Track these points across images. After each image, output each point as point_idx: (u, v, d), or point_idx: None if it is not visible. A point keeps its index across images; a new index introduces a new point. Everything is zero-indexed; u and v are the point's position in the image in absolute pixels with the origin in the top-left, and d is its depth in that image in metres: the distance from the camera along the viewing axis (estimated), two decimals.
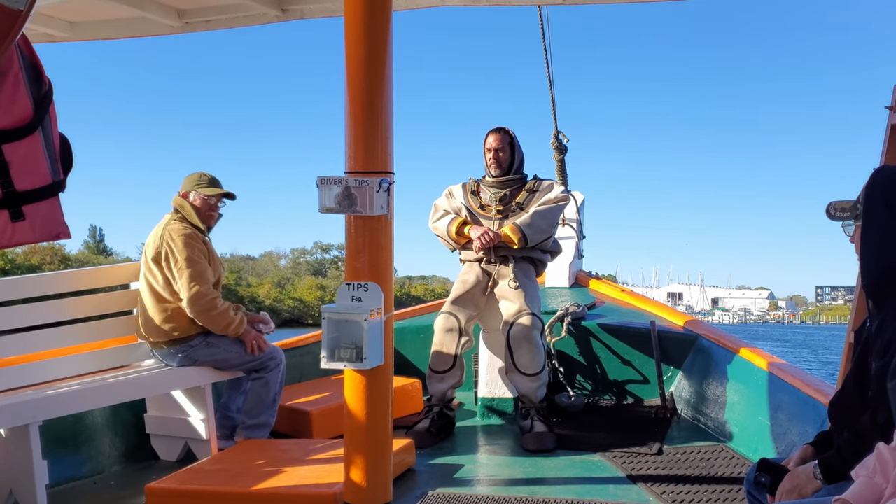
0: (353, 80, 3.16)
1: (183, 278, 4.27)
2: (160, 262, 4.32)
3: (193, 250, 4.32)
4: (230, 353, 4.45)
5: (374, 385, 3.19)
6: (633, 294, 7.00)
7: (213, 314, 4.33)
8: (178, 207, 4.46)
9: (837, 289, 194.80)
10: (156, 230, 4.43)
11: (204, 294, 4.30)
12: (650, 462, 4.24)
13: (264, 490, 3.48)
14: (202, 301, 4.29)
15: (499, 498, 3.64)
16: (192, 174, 4.52)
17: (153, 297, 4.37)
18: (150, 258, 4.34)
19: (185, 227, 4.37)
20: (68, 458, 4.16)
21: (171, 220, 4.42)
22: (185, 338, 4.37)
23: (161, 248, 4.32)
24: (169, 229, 4.36)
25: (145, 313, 4.40)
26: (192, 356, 4.39)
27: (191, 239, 4.34)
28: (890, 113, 3.88)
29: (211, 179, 4.51)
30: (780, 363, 4.57)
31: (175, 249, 4.29)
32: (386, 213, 3.19)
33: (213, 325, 4.35)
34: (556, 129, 7.37)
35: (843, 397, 2.48)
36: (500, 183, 5.12)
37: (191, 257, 4.29)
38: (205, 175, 4.51)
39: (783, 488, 2.34)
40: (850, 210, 2.50)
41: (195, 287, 4.27)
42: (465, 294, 4.99)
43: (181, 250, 4.29)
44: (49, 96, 2.50)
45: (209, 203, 4.48)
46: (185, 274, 4.27)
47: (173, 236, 4.32)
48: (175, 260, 4.28)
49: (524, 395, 4.83)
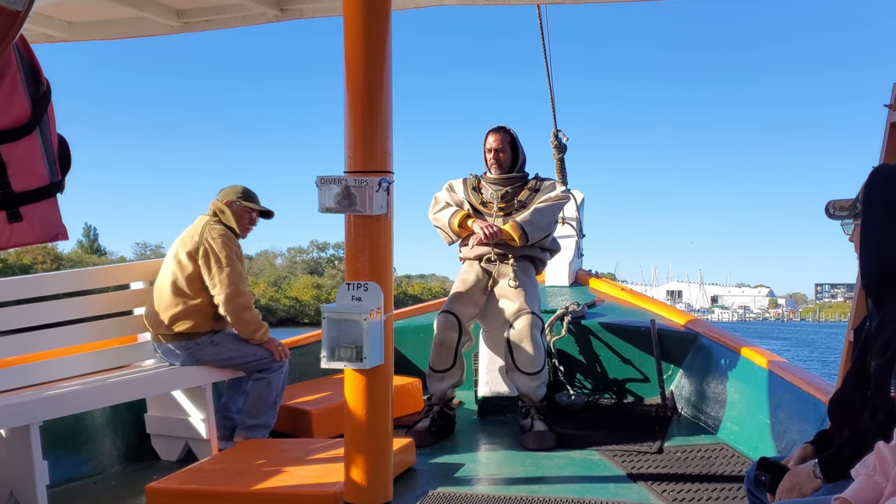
0: (352, 79, 3.16)
1: (222, 275, 4.37)
2: (195, 258, 4.41)
3: (232, 251, 4.44)
4: (234, 353, 4.47)
5: (374, 384, 3.19)
6: (632, 293, 7.00)
7: (246, 315, 4.42)
8: (218, 212, 4.58)
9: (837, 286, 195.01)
10: (192, 229, 4.53)
11: (241, 293, 4.41)
12: (650, 460, 4.24)
13: (265, 490, 3.48)
14: (239, 300, 4.39)
15: (499, 497, 3.64)
16: (234, 185, 4.68)
17: (173, 291, 4.43)
18: (185, 253, 4.43)
19: (224, 230, 4.49)
20: (69, 458, 4.17)
21: (211, 221, 4.52)
22: (193, 334, 4.41)
23: (200, 245, 4.42)
24: (209, 229, 4.47)
25: (159, 306, 4.45)
26: (196, 354, 4.41)
27: (230, 240, 4.47)
28: (889, 111, 3.88)
29: (252, 195, 4.67)
30: (780, 361, 4.57)
31: (215, 248, 4.40)
32: (385, 213, 3.19)
33: (242, 326, 4.42)
34: (555, 127, 7.37)
35: (842, 396, 2.48)
36: (503, 180, 5.11)
37: (230, 257, 4.41)
38: (247, 189, 4.67)
39: (783, 487, 2.35)
40: (850, 209, 2.50)
41: (234, 286, 4.37)
42: (465, 293, 4.99)
43: (221, 249, 4.40)
44: (47, 97, 2.50)
45: (250, 216, 4.64)
46: (224, 272, 4.37)
47: (214, 236, 4.43)
48: (215, 258, 4.38)
49: (524, 394, 4.83)
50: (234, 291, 4.37)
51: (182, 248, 4.46)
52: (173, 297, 4.42)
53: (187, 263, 4.41)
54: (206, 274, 4.39)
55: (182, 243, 4.49)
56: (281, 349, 4.58)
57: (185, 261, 4.42)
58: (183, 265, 4.43)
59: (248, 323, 4.43)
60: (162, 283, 4.50)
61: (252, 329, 4.45)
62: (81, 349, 4.30)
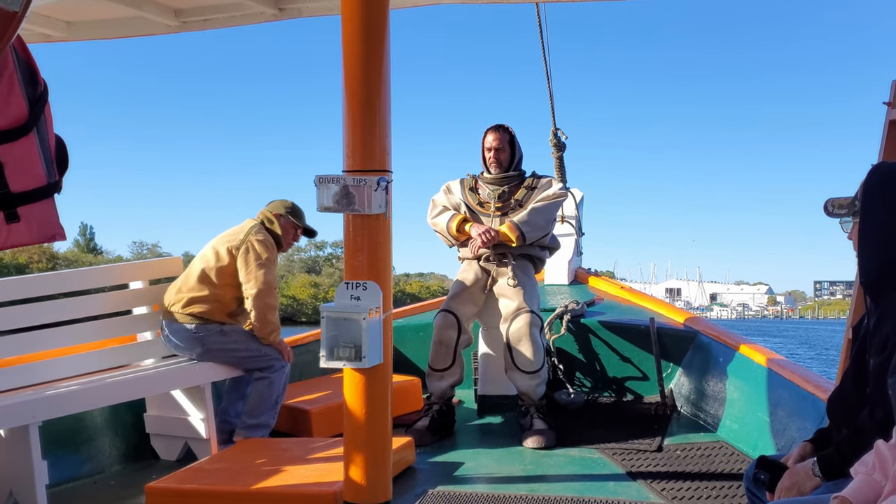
0: (350, 78, 3.15)
1: (259, 272, 4.49)
2: (234, 254, 4.54)
3: (272, 257, 4.61)
4: (239, 346, 4.53)
5: (374, 383, 3.18)
6: (632, 291, 7.00)
7: (270, 315, 4.54)
8: (267, 221, 4.74)
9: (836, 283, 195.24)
10: (237, 229, 4.69)
11: (272, 294, 4.54)
12: (650, 459, 4.24)
13: (264, 489, 3.48)
14: (268, 299, 4.52)
15: (499, 495, 3.64)
16: (284, 200, 4.85)
17: (199, 278, 4.55)
18: (225, 248, 4.57)
19: (269, 237, 4.65)
20: (68, 458, 4.16)
21: (258, 226, 4.68)
22: (205, 319, 4.49)
23: (243, 243, 4.55)
24: (255, 230, 4.62)
25: (182, 288, 4.56)
26: (204, 339, 4.48)
27: (272, 248, 4.63)
28: (888, 108, 3.88)
29: (301, 212, 4.85)
30: (780, 359, 4.57)
31: (258, 248, 4.54)
32: (384, 212, 3.19)
33: (263, 324, 4.52)
34: (554, 126, 7.37)
35: (841, 394, 2.48)
36: (499, 180, 5.11)
37: (270, 261, 4.57)
38: (296, 206, 4.84)
39: (782, 485, 2.35)
40: (848, 207, 2.49)
41: (265, 286, 4.50)
42: (464, 292, 4.99)
43: (261, 252, 4.54)
44: (44, 97, 2.49)
45: (295, 232, 4.84)
46: (261, 272, 4.50)
47: (260, 238, 4.58)
48: (256, 256, 4.52)
49: (524, 393, 4.83)
50: (267, 290, 4.50)
51: (223, 243, 4.60)
52: (198, 283, 4.54)
53: (224, 256, 4.55)
54: (242, 269, 4.51)
55: (224, 239, 4.63)
56: (288, 351, 4.67)
57: (224, 254, 4.55)
58: (220, 257, 4.55)
59: (269, 323, 4.54)
60: (191, 270, 4.62)
61: (269, 330, 4.55)
62: (81, 349, 4.30)
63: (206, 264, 4.56)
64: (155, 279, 4.76)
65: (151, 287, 4.71)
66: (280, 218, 4.74)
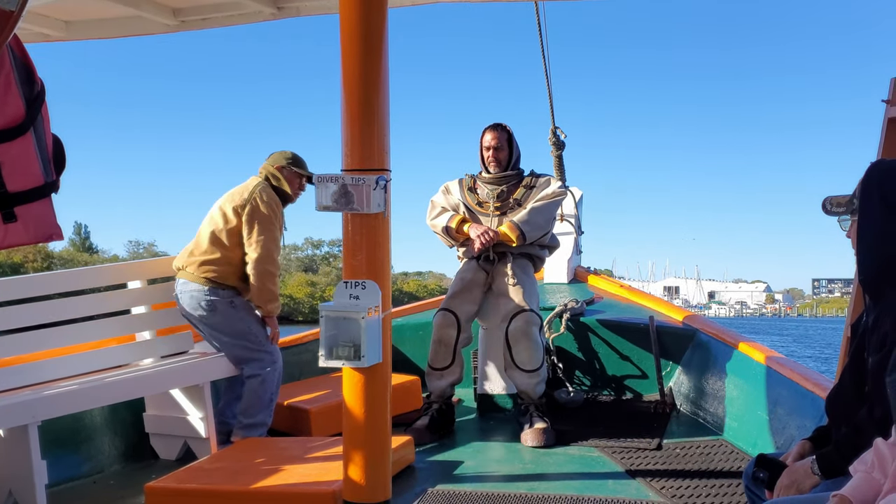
0: (348, 77, 3.15)
1: (259, 237, 4.45)
2: (240, 214, 4.49)
3: (276, 218, 4.53)
4: (244, 325, 4.53)
5: (373, 382, 3.18)
6: (631, 289, 7.00)
7: (268, 282, 4.49)
8: (271, 177, 4.67)
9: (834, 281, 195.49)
10: (242, 187, 4.63)
11: (271, 261, 4.49)
12: (649, 457, 4.24)
13: (264, 488, 3.48)
14: (267, 266, 4.46)
15: (498, 494, 3.64)
16: (283, 151, 4.76)
17: (210, 240, 4.54)
18: (231, 207, 4.51)
19: (273, 195, 4.58)
20: (68, 457, 4.16)
21: (262, 184, 4.61)
22: (218, 283, 4.50)
23: (248, 202, 4.50)
24: (260, 189, 4.55)
25: (195, 251, 4.56)
26: (217, 306, 4.49)
27: (277, 207, 4.57)
28: (887, 107, 3.88)
29: (301, 161, 4.76)
30: (779, 357, 4.58)
31: (261, 208, 4.48)
32: (383, 211, 3.18)
33: (260, 291, 4.47)
34: (553, 124, 7.37)
35: (839, 392, 2.48)
36: (498, 179, 5.11)
37: (272, 222, 4.51)
38: (296, 156, 4.76)
39: (781, 483, 2.34)
40: (847, 205, 2.49)
41: (266, 250, 4.45)
42: (464, 290, 4.99)
43: (265, 212, 4.49)
44: (41, 97, 2.49)
45: (300, 181, 4.75)
46: (262, 235, 4.46)
47: (263, 198, 4.52)
48: (259, 218, 4.48)
49: (523, 392, 4.83)
50: (266, 256, 4.45)
51: (229, 202, 4.55)
52: (210, 246, 4.52)
53: (231, 217, 4.51)
54: (245, 231, 4.48)
55: (230, 198, 4.58)
56: (276, 333, 4.64)
57: (230, 214, 4.52)
58: (227, 218, 4.52)
59: (267, 291, 4.49)
60: (201, 233, 4.61)
61: (267, 298, 4.51)
62: (80, 349, 4.30)
63: (216, 226, 4.53)
64: (153, 279, 4.75)
65: (150, 287, 4.70)
66: (283, 170, 4.67)
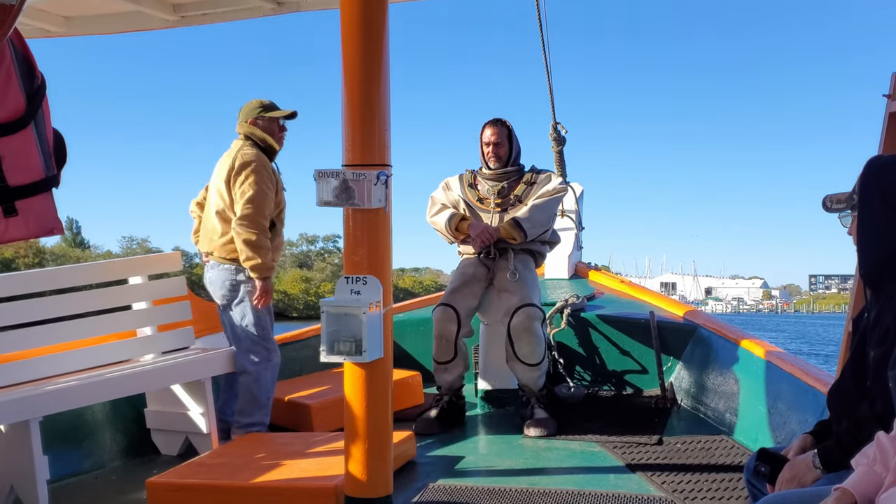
0: (349, 72, 3.14)
1: (243, 199, 4.38)
2: (230, 184, 4.44)
3: (261, 177, 4.42)
4: (257, 312, 4.50)
5: (374, 378, 3.18)
6: (632, 285, 7.01)
7: (252, 242, 4.35)
8: (249, 134, 4.58)
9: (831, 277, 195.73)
10: (226, 156, 4.55)
11: (255, 221, 4.37)
12: (650, 452, 4.24)
13: (265, 483, 3.49)
14: (250, 226, 4.36)
15: (499, 489, 3.65)
16: (249, 103, 4.65)
17: (220, 219, 4.51)
18: (223, 182, 4.46)
19: (257, 154, 4.48)
20: (69, 453, 4.17)
21: (244, 146, 4.53)
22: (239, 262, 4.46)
23: (232, 169, 4.43)
24: (241, 153, 4.47)
25: (211, 232, 4.56)
26: (240, 286, 4.47)
27: (261, 167, 4.44)
28: (888, 101, 3.88)
29: (272, 105, 4.64)
30: (779, 352, 4.58)
31: (243, 172, 4.40)
32: (384, 206, 3.18)
33: (245, 252, 4.36)
34: (554, 120, 7.37)
35: (841, 386, 2.48)
36: (498, 175, 5.11)
37: (256, 182, 4.38)
38: (264, 101, 4.64)
39: (783, 478, 2.35)
40: (847, 201, 2.49)
41: (249, 209, 4.36)
42: (464, 285, 4.99)
43: (248, 174, 4.39)
44: (42, 91, 2.48)
45: (278, 125, 4.64)
46: (245, 195, 4.38)
47: (246, 159, 4.42)
48: (241, 182, 4.39)
49: (524, 385, 4.85)
50: (247, 216, 4.35)
51: (220, 177, 4.50)
52: (224, 226, 4.49)
53: (225, 192, 4.46)
54: (234, 195, 4.42)
55: (219, 173, 4.53)
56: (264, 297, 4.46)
57: (224, 190, 4.47)
58: (223, 195, 4.48)
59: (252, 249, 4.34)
60: (209, 209, 4.59)
61: (256, 259, 4.36)
62: (81, 344, 4.29)
63: (218, 207, 4.50)
64: (154, 274, 4.75)
65: (151, 282, 4.70)
66: (258, 122, 4.57)
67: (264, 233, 4.41)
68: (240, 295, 4.50)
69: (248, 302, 4.49)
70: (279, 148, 4.63)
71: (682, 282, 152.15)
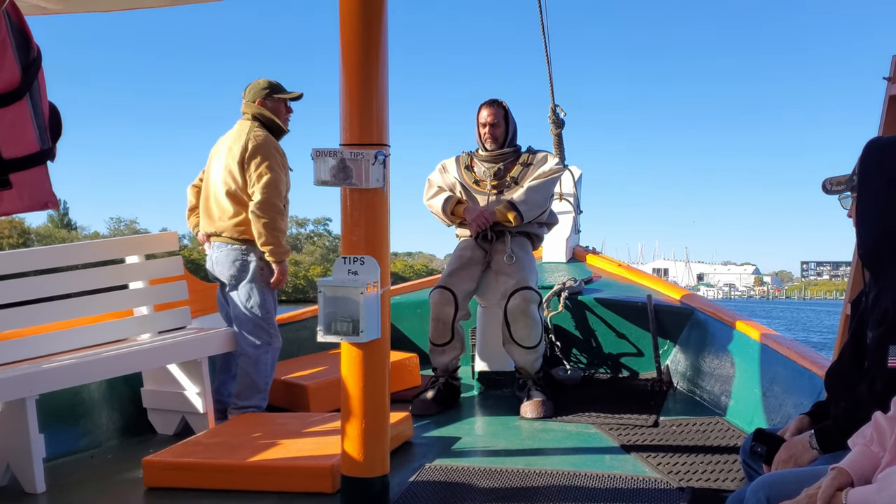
0: (347, 51, 3.12)
1: (260, 183, 4.39)
2: (243, 165, 4.44)
3: (275, 159, 4.46)
4: (263, 295, 4.52)
5: (371, 358, 3.18)
6: (629, 268, 7.01)
7: (271, 226, 4.41)
8: (258, 115, 4.58)
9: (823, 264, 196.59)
10: (235, 136, 4.54)
11: (274, 205, 4.41)
12: (646, 434, 4.25)
13: (261, 462, 3.49)
14: (270, 211, 4.40)
15: (495, 469, 3.66)
16: (256, 82, 4.65)
17: (232, 199, 4.50)
18: (235, 162, 4.45)
19: (268, 136, 4.51)
20: (65, 431, 4.17)
21: (253, 127, 4.53)
22: (250, 242, 4.48)
23: (246, 150, 4.42)
24: (254, 135, 4.47)
25: (218, 211, 4.54)
26: (249, 266, 4.49)
27: (273, 148, 4.48)
28: (888, 84, 3.86)
29: (279, 86, 4.66)
30: (776, 335, 4.58)
31: (259, 155, 4.41)
32: (382, 186, 3.17)
33: (264, 236, 4.40)
34: (553, 102, 7.35)
35: (839, 367, 2.49)
36: (494, 157, 5.09)
37: (272, 166, 4.42)
38: (271, 82, 4.65)
39: (779, 458, 2.35)
40: (847, 183, 2.49)
41: (267, 194, 4.38)
42: (461, 268, 4.99)
43: (264, 157, 4.41)
44: (37, 63, 2.46)
45: (285, 105, 4.66)
46: (262, 179, 4.39)
47: (258, 142, 4.44)
48: (256, 165, 4.40)
49: (521, 367, 4.85)
50: (266, 200, 4.37)
51: (231, 157, 4.49)
52: (235, 206, 4.50)
53: (237, 173, 4.46)
54: (249, 178, 4.43)
55: (230, 152, 4.51)
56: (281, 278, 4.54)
57: (237, 171, 4.46)
58: (234, 175, 4.47)
59: (271, 233, 4.39)
60: (216, 191, 4.57)
61: (274, 242, 4.41)
62: (78, 323, 4.29)
63: (229, 188, 4.48)
64: (151, 254, 4.74)
65: (148, 262, 4.69)
66: (266, 103, 4.59)
67: (282, 216, 4.46)
68: (248, 276, 4.50)
69: (254, 283, 4.50)
70: (286, 130, 4.65)
71: (675, 268, 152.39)
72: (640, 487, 3.41)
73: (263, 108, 4.58)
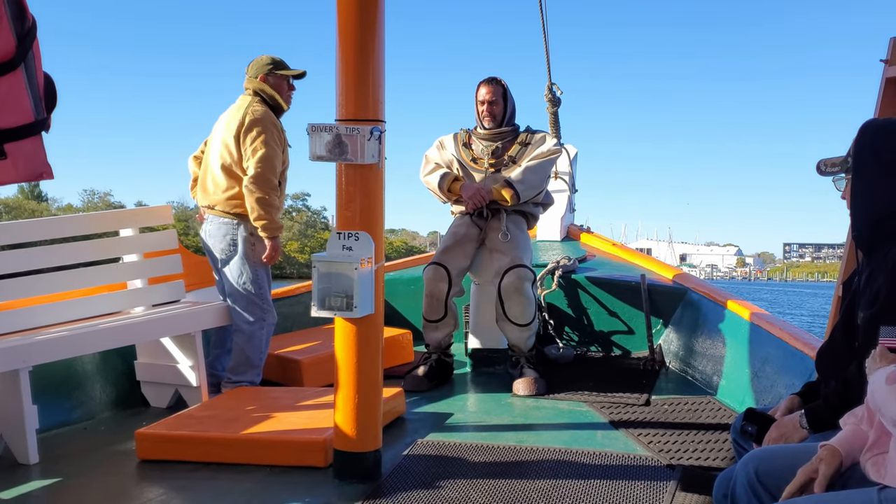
0: (344, 25, 3.10)
1: (255, 158, 4.37)
2: (239, 140, 4.42)
3: (272, 135, 4.43)
4: (255, 271, 4.51)
5: (365, 333, 3.19)
6: (623, 248, 7.02)
7: (264, 201, 4.38)
8: (259, 90, 4.56)
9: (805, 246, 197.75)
10: (234, 111, 4.53)
11: (268, 180, 4.38)
12: (638, 412, 4.28)
13: (254, 435, 3.51)
14: (263, 186, 4.37)
15: (487, 445, 3.68)
16: (260, 58, 4.62)
17: (226, 174, 4.48)
18: (232, 136, 4.44)
19: (267, 111, 4.48)
20: (58, 403, 4.17)
21: (253, 101, 4.51)
22: (245, 217, 4.47)
23: (242, 125, 4.41)
24: (252, 109, 4.45)
25: (214, 186, 4.52)
26: (241, 241, 4.48)
27: (271, 124, 4.46)
28: (885, 67, 3.86)
29: (282, 62, 4.62)
30: (768, 316, 4.60)
31: (254, 129, 4.39)
32: (377, 162, 3.16)
33: (257, 211, 4.38)
34: (549, 80, 7.31)
35: (830, 347, 2.50)
36: (492, 136, 5.08)
37: (267, 141, 4.40)
38: (275, 58, 4.62)
39: (770, 437, 2.37)
40: (841, 164, 2.49)
41: (261, 168, 4.36)
42: (456, 245, 4.99)
43: (259, 132, 4.39)
44: (32, 33, 2.43)
45: (288, 82, 4.63)
46: (257, 154, 4.37)
47: (256, 116, 4.42)
48: (252, 139, 4.38)
49: (514, 345, 4.87)
50: (260, 175, 4.35)
51: (228, 132, 4.47)
52: (229, 180, 4.47)
53: (233, 147, 4.44)
54: (244, 152, 4.41)
55: (227, 127, 4.49)
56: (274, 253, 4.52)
57: (232, 145, 4.44)
58: (230, 149, 4.45)
59: (264, 209, 4.37)
60: (212, 165, 4.55)
61: (267, 218, 4.39)
62: (71, 295, 4.28)
63: (224, 161, 4.47)
64: (145, 227, 4.72)
65: (142, 235, 4.68)
66: (268, 78, 4.57)
67: (275, 192, 4.43)
68: (239, 250, 4.49)
69: (246, 259, 4.49)
70: (287, 108, 4.62)
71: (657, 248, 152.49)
72: (630, 465, 3.43)
73: (265, 84, 4.55)
